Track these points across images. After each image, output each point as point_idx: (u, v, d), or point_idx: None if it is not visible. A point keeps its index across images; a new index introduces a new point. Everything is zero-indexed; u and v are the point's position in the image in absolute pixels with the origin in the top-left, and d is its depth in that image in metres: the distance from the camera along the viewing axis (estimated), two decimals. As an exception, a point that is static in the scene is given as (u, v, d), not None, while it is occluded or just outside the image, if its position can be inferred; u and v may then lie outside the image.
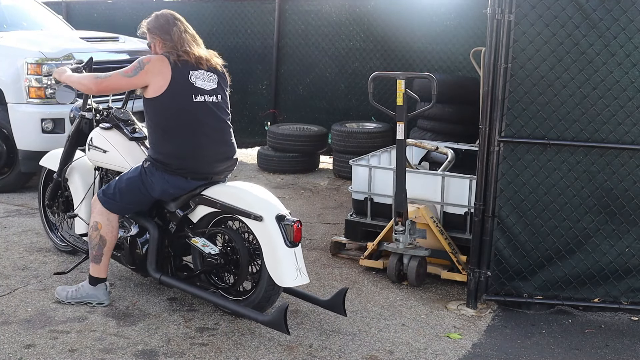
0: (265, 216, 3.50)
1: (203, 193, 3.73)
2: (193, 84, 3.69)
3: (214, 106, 3.75)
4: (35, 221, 5.49)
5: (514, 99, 3.79)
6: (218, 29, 8.78)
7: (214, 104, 3.76)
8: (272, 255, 3.48)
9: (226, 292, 3.80)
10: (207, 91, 3.74)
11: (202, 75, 3.74)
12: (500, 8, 3.73)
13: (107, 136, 4.16)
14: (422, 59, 7.73)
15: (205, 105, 3.72)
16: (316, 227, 5.63)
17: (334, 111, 8.30)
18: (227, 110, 3.85)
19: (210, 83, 3.77)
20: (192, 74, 3.71)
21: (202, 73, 3.74)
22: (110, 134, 4.17)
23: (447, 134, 6.67)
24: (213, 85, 3.77)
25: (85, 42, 6.85)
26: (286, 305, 3.34)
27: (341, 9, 8.13)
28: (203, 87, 3.72)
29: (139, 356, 3.37)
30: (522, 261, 3.95)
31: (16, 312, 3.83)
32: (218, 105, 3.78)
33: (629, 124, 3.75)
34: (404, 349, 3.52)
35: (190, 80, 3.69)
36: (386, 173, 4.80)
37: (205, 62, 3.77)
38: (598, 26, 3.67)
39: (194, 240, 3.76)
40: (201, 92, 3.71)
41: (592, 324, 3.90)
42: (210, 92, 3.75)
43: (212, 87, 3.76)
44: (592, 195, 3.84)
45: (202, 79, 3.73)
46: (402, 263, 4.37)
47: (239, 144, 4.12)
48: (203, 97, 3.71)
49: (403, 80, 4.20)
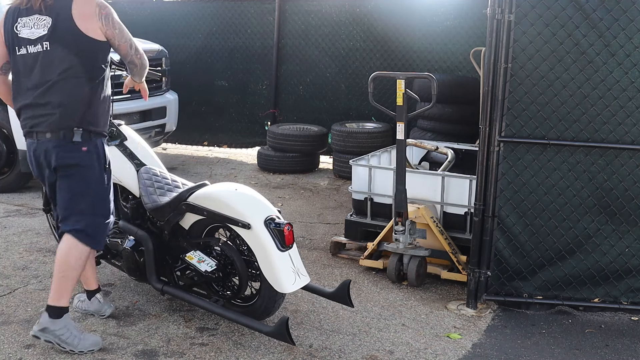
0: (253, 223, 3.39)
1: (189, 200, 3.63)
2: (17, 34, 3.19)
3: (35, 58, 3.17)
4: (35, 221, 5.50)
5: (514, 99, 3.79)
6: (218, 29, 8.78)
7: (36, 56, 3.16)
8: (266, 262, 3.38)
9: (231, 298, 3.72)
10: (31, 41, 3.15)
11: (32, 21, 3.17)
12: (500, 8, 3.73)
13: None
14: (422, 59, 7.74)
15: (25, 59, 3.18)
16: (316, 227, 5.63)
17: (334, 111, 8.31)
18: (60, 62, 3.17)
19: (40, 29, 3.15)
20: (20, 22, 3.19)
21: (32, 18, 3.17)
22: None
23: (447, 134, 6.67)
24: (42, 32, 3.15)
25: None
26: (286, 318, 3.26)
27: (341, 9, 8.14)
28: (28, 37, 3.16)
29: (139, 356, 3.37)
30: (522, 261, 3.95)
31: (16, 312, 3.83)
32: (43, 57, 3.16)
33: (629, 124, 3.75)
34: (404, 349, 3.52)
35: (16, 30, 3.19)
36: (386, 173, 4.80)
37: (40, 2, 3.16)
38: (598, 26, 3.67)
39: (189, 257, 3.66)
40: (24, 43, 3.17)
41: (592, 324, 3.90)
42: (35, 41, 3.15)
43: (39, 35, 3.15)
44: (592, 195, 3.84)
45: (31, 26, 3.16)
46: (402, 263, 4.37)
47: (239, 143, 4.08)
48: (25, 49, 3.17)
49: (403, 80, 4.20)
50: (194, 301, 3.64)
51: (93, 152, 3.31)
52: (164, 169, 4.05)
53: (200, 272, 3.61)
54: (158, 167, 4.02)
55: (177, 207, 3.66)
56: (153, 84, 7.26)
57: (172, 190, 3.81)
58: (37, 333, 3.34)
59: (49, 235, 4.99)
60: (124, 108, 6.68)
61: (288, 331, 3.25)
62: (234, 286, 3.71)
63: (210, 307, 3.58)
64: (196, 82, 8.91)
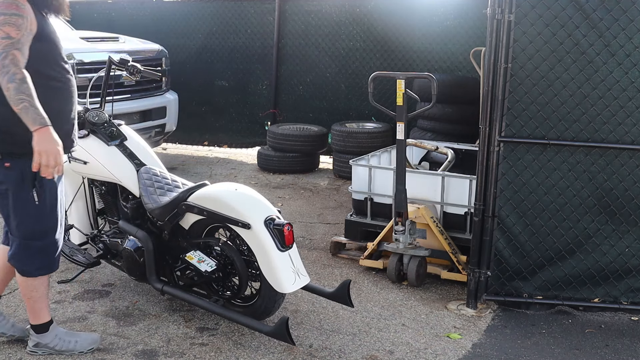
0: (253, 223, 3.39)
1: (189, 200, 3.63)
2: None
3: None
4: (35, 221, 5.49)
5: (514, 99, 3.79)
6: (218, 29, 8.78)
7: None
8: (266, 262, 3.39)
9: (231, 298, 3.73)
10: None
11: None
12: (500, 8, 3.73)
13: (84, 145, 3.93)
14: (422, 59, 7.74)
15: None
16: (316, 227, 5.63)
17: (334, 111, 8.31)
18: None
19: None
20: None
21: None
22: (87, 142, 3.95)
23: (447, 134, 6.67)
24: None
25: (85, 42, 6.86)
26: (286, 318, 3.27)
27: (341, 9, 8.14)
28: None
29: (139, 356, 3.37)
30: (522, 261, 3.95)
31: (16, 312, 3.83)
32: None
33: (629, 124, 3.75)
34: (404, 349, 3.52)
35: None
36: (386, 173, 4.80)
37: None
38: (598, 26, 3.67)
39: (189, 257, 3.66)
40: None
41: (592, 324, 3.90)
42: None
43: None
44: (592, 195, 3.84)
45: None
46: (402, 263, 4.37)
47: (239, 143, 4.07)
48: None
49: (403, 80, 4.20)
50: (194, 301, 3.64)
51: (15, 169, 2.98)
52: (164, 169, 4.05)
53: (200, 272, 3.61)
54: (158, 167, 4.02)
55: (177, 207, 3.66)
56: (153, 84, 7.27)
57: (172, 190, 3.81)
58: (32, 349, 3.34)
59: (49, 235, 4.98)
60: (124, 108, 6.68)
61: (288, 331, 3.25)
62: (234, 286, 3.71)
63: (210, 307, 3.58)
64: (196, 82, 8.91)
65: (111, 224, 4.20)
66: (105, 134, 3.97)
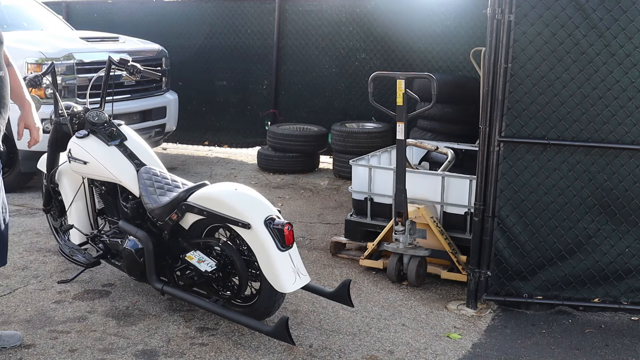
0: (253, 223, 3.39)
1: (189, 200, 3.62)
2: None
3: None
4: (35, 221, 5.50)
5: (514, 99, 3.79)
6: (218, 29, 8.77)
7: None
8: (266, 262, 3.38)
9: (231, 298, 3.72)
10: None
11: None
12: (500, 8, 3.73)
13: (84, 145, 3.96)
14: (422, 59, 7.74)
15: None
16: (316, 227, 5.63)
17: (334, 111, 8.31)
18: None
19: None
20: None
21: None
22: (87, 142, 3.97)
23: (447, 134, 6.67)
24: None
25: (85, 42, 6.86)
26: (286, 318, 3.27)
27: (341, 9, 8.14)
28: None
29: (139, 356, 3.37)
30: (522, 261, 3.95)
31: (16, 312, 3.83)
32: None
33: (629, 124, 3.75)
34: (404, 349, 3.52)
35: None
36: (386, 173, 4.80)
37: None
38: (598, 26, 3.67)
39: (189, 257, 3.66)
40: None
41: (592, 324, 3.90)
42: None
43: None
44: (592, 195, 3.84)
45: None
46: (402, 263, 4.37)
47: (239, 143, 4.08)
48: None
49: (403, 80, 4.20)
50: (194, 301, 3.64)
51: None
52: (164, 169, 4.05)
53: (200, 272, 3.61)
54: (158, 167, 4.02)
55: (177, 207, 3.66)
56: (153, 84, 7.27)
57: (172, 190, 3.81)
58: None
59: (49, 235, 4.99)
60: (124, 108, 6.69)
61: (288, 331, 3.26)
62: (234, 286, 3.71)
63: (210, 307, 3.58)
64: (196, 82, 8.91)
65: (111, 224, 4.21)
66: (105, 134, 3.98)
